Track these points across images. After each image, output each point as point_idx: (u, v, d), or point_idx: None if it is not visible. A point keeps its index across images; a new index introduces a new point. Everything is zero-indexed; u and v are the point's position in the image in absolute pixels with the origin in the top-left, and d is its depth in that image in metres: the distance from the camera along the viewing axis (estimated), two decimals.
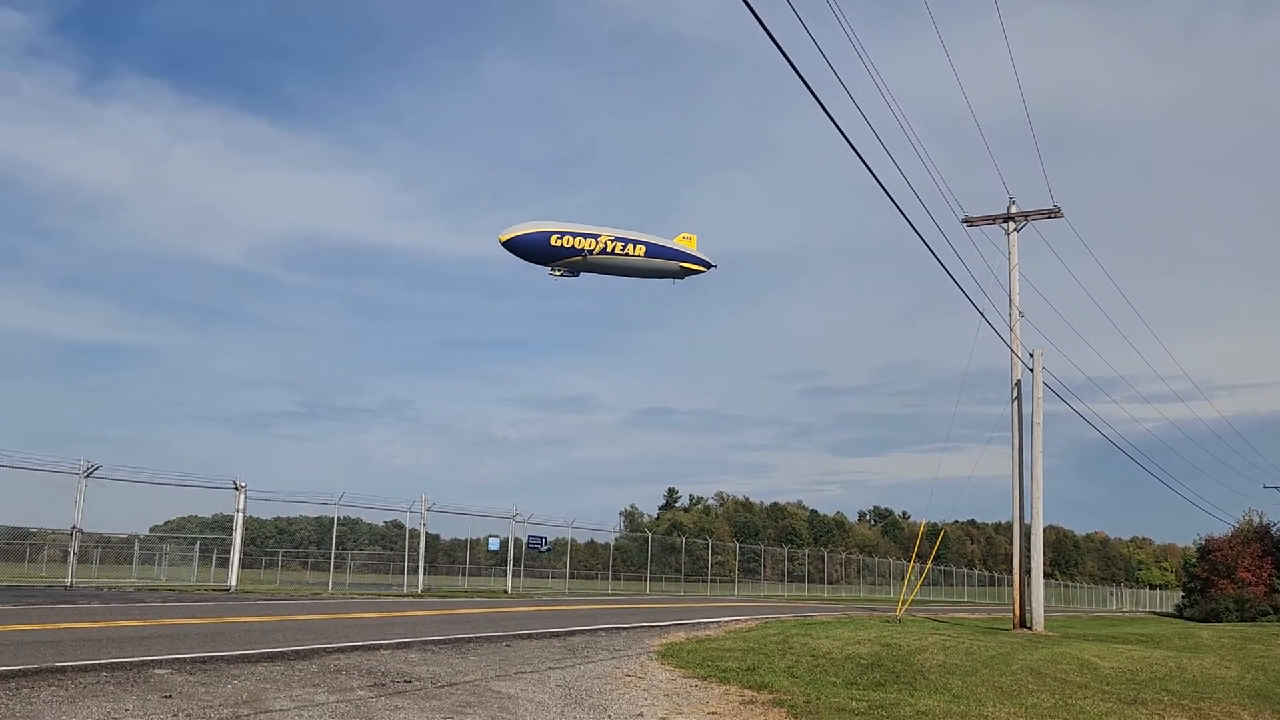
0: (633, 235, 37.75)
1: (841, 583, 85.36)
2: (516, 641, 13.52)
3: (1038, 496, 26.12)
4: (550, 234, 36.28)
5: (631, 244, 37.43)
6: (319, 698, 7.75)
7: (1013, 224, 28.07)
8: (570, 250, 36.37)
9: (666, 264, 38.79)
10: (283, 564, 54.58)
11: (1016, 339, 27.17)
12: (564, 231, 36.48)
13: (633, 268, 38.37)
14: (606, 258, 36.97)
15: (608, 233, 37.03)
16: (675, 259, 38.90)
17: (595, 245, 36.56)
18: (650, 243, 38.08)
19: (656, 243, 38.36)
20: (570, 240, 36.33)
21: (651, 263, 38.34)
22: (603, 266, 37.72)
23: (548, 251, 36.37)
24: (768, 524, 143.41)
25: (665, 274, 39.47)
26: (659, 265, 38.71)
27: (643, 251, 37.67)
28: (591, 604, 28.79)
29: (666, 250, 38.63)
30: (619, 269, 38.37)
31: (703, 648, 14.19)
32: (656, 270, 39.01)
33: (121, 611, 15.73)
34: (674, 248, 38.91)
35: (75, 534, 23.98)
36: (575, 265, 37.07)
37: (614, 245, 36.95)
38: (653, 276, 39.78)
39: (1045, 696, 11.06)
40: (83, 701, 6.92)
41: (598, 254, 36.63)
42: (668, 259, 38.67)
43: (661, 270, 39.10)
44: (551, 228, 36.54)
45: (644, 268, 38.56)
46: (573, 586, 46.14)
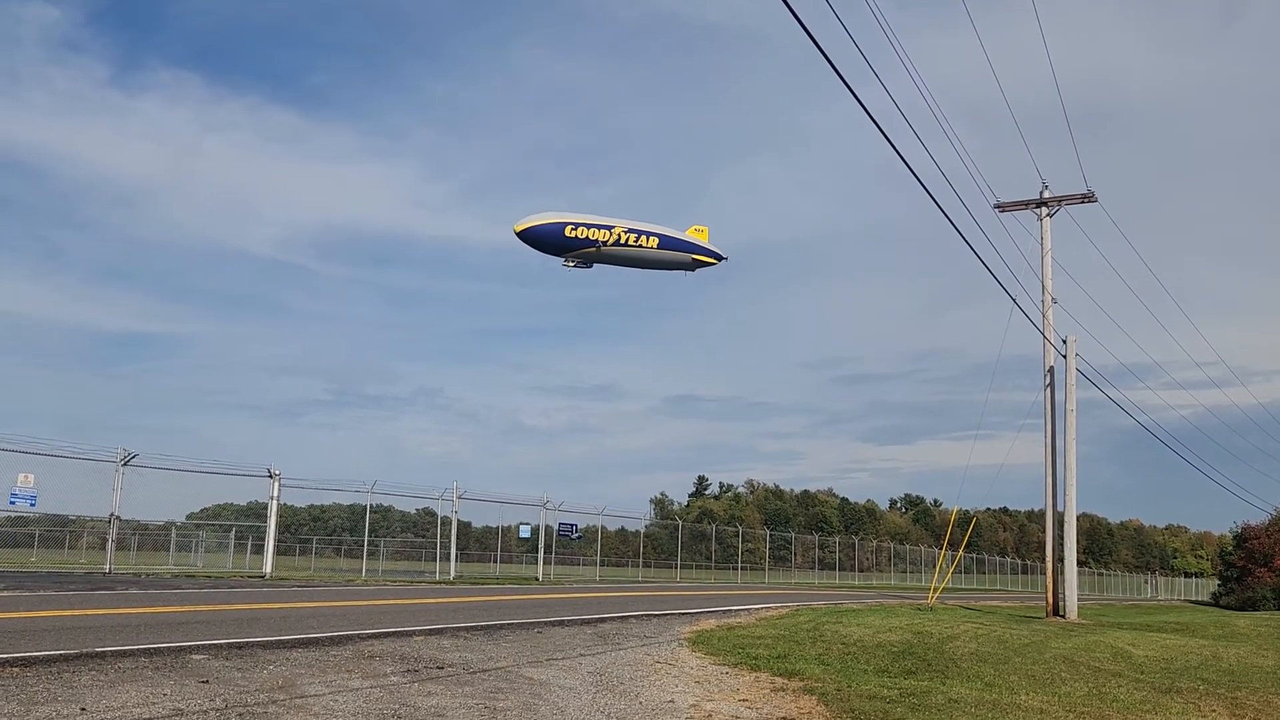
0: (646, 227, 37.98)
1: (872, 570, 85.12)
2: (548, 628, 13.58)
3: (1071, 484, 25.89)
4: (565, 225, 36.42)
5: (645, 235, 37.63)
6: (353, 683, 7.83)
7: (1045, 209, 27.76)
8: (585, 241, 36.54)
9: (679, 256, 39.01)
10: (317, 551, 55.11)
11: (1049, 325, 26.91)
12: (578, 223, 36.61)
13: (645, 259, 38.57)
14: (620, 249, 37.17)
15: (621, 224, 37.20)
16: (688, 251, 39.10)
17: (609, 236, 36.73)
18: (663, 234, 38.26)
19: (669, 234, 38.54)
20: (585, 231, 36.48)
21: (664, 254, 38.53)
22: (616, 258, 37.95)
23: (562, 242, 36.55)
24: (798, 511, 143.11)
25: (677, 266, 39.70)
26: (671, 257, 38.92)
27: (655, 243, 37.88)
28: (622, 591, 28.88)
29: (679, 242, 38.83)
30: (632, 260, 38.60)
31: (733, 635, 14.20)
32: (669, 262, 39.25)
33: (159, 598, 15.94)
34: (686, 240, 39.12)
35: (113, 521, 24.32)
36: (589, 256, 37.26)
37: (627, 236, 37.14)
38: (665, 268, 40.05)
39: (1078, 685, 10.98)
40: (122, 686, 7.02)
41: (611, 245, 36.82)
42: (680, 251, 38.87)
43: (674, 262, 39.33)
44: (566, 219, 36.66)
45: (657, 259, 38.77)
46: (603, 574, 46.29)
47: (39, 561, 39.41)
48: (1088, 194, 27.78)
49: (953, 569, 50.00)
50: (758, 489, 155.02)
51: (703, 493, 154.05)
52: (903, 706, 8.40)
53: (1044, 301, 27.05)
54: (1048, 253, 27.42)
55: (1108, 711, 9.08)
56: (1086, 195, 27.78)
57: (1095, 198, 27.72)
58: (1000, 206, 28.04)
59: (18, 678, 7.11)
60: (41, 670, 7.47)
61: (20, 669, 7.46)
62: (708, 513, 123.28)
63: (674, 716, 7.46)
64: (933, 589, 31.36)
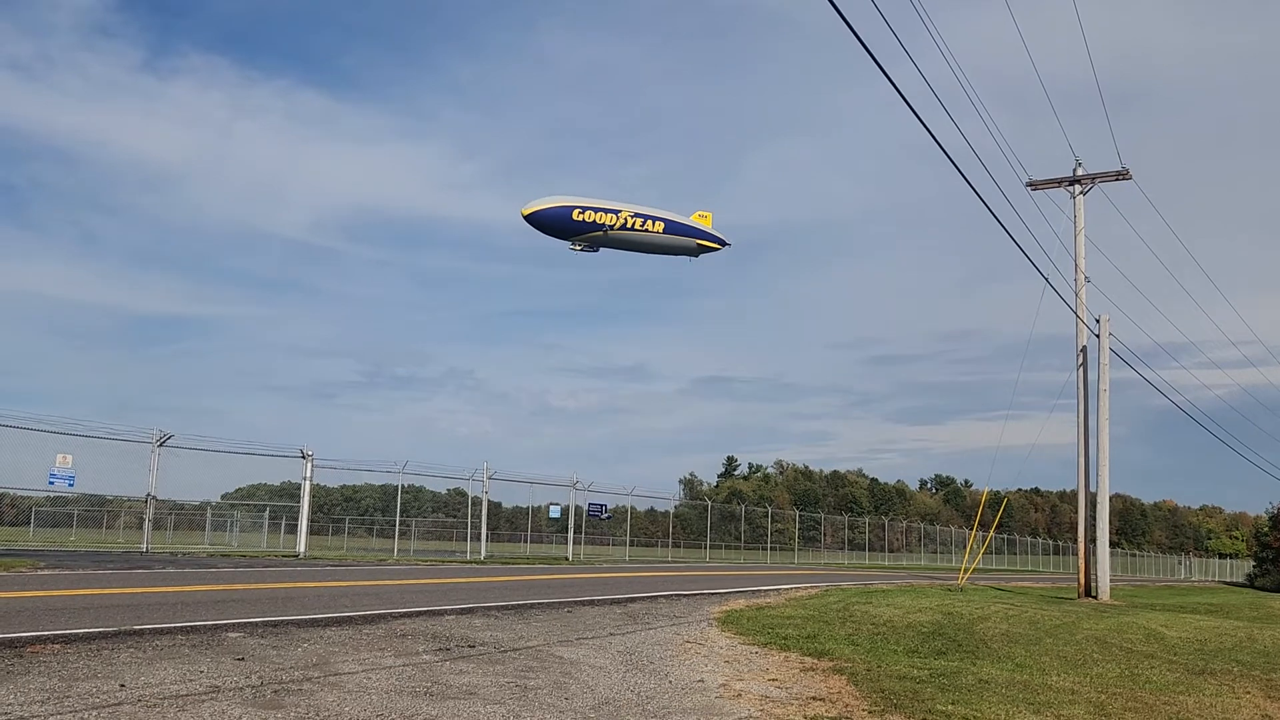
0: (652, 211, 38.25)
1: (902, 551, 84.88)
2: (578, 608, 13.66)
3: (1104, 464, 25.67)
4: (572, 209, 36.61)
5: (651, 220, 37.90)
6: (386, 661, 7.91)
7: (1078, 186, 27.43)
8: (591, 225, 36.72)
9: (684, 241, 39.33)
10: (349, 530, 55.64)
11: (1082, 304, 26.63)
12: (585, 206, 36.80)
13: (651, 244, 38.84)
14: (626, 233, 37.42)
15: (627, 208, 37.37)
16: (692, 236, 39.41)
17: (616, 221, 36.93)
18: (669, 219, 38.54)
19: (675, 220, 38.82)
20: (592, 215, 36.70)
21: (670, 239, 38.83)
22: (622, 242, 38.22)
23: (569, 226, 36.77)
24: (828, 492, 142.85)
25: (682, 251, 40.03)
26: (676, 242, 39.23)
27: (661, 228, 38.14)
28: (651, 571, 28.97)
29: (684, 227, 39.10)
30: (638, 245, 38.89)
31: (763, 615, 14.22)
32: (674, 247, 39.55)
33: (195, 576, 16.17)
34: (691, 225, 39.38)
35: (150, 501, 24.65)
36: (596, 240, 37.50)
37: (634, 221, 37.37)
38: (670, 253, 40.40)
39: (1111, 666, 10.92)
40: (160, 663, 7.14)
41: (618, 229, 37.04)
42: (685, 236, 39.18)
43: (679, 247, 39.65)
44: (573, 202, 36.85)
45: (662, 244, 39.04)
46: (633, 554, 46.45)
47: (78, 540, 40.05)
48: (1122, 171, 27.42)
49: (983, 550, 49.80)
50: (787, 469, 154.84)
51: (732, 473, 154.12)
52: (933, 687, 8.39)
53: (1077, 280, 26.77)
54: (1081, 231, 27.12)
55: (1140, 693, 9.03)
56: (1121, 172, 27.42)
57: (1130, 175, 27.36)
58: (1033, 184, 27.74)
59: (59, 654, 7.24)
60: (82, 647, 7.61)
61: (61, 646, 7.60)
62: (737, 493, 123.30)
63: (703, 696, 7.49)
64: (963, 570, 31.24)
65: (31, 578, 14.40)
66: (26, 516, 56.02)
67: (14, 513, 60.45)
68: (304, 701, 6.18)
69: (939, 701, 7.64)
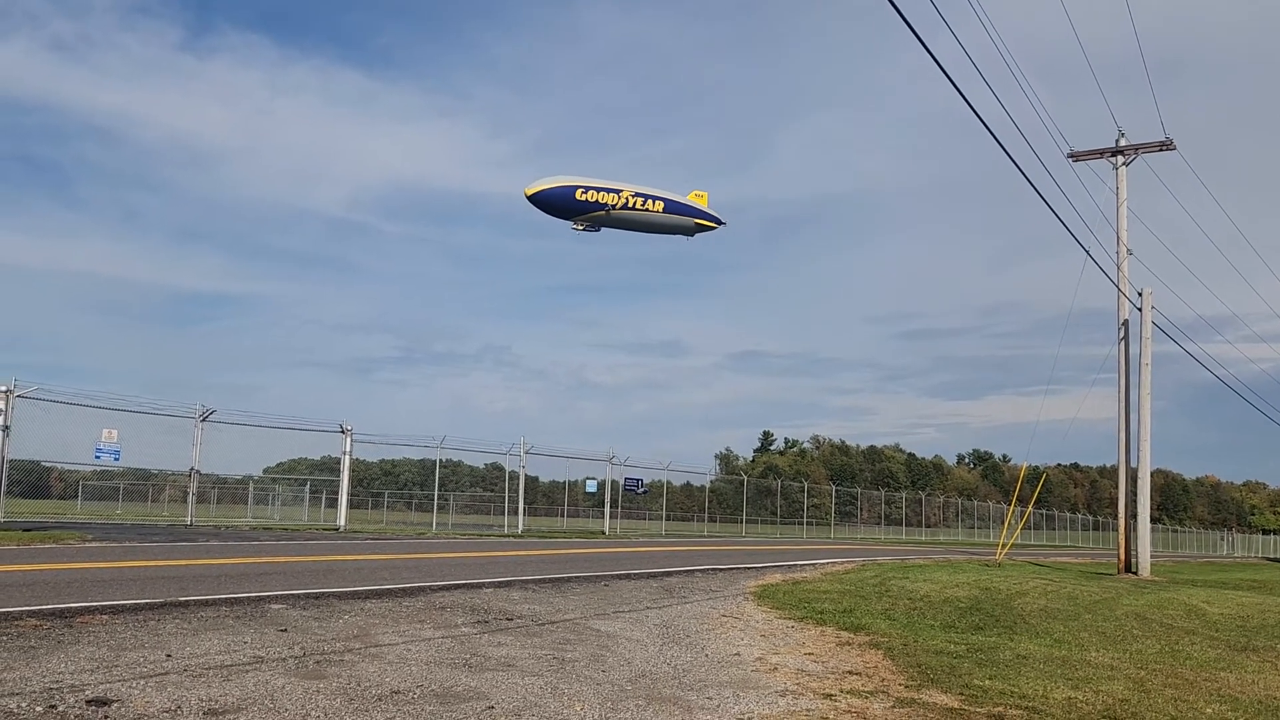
0: (652, 191, 38.53)
1: (939, 526, 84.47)
2: (614, 581, 13.73)
3: (1145, 439, 25.36)
4: (575, 188, 36.97)
5: (651, 199, 38.25)
6: (425, 633, 8.00)
7: (1121, 158, 26.98)
8: (594, 205, 37.07)
9: (682, 220, 39.75)
10: (388, 504, 56.23)
11: (1124, 277, 26.25)
12: (588, 186, 37.17)
13: (651, 223, 39.28)
14: (628, 213, 37.84)
15: (629, 188, 37.66)
16: (690, 215, 39.76)
17: (617, 200, 37.26)
18: (668, 199, 38.93)
19: (674, 199, 39.16)
20: (594, 195, 37.07)
21: (669, 218, 39.23)
22: (624, 221, 38.62)
23: (572, 206, 37.15)
24: (864, 467, 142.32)
25: (680, 230, 40.39)
26: (676, 221, 39.62)
27: (661, 207, 38.58)
28: (687, 545, 29.05)
29: (683, 207, 39.43)
30: (638, 224, 39.27)
31: (799, 590, 14.22)
32: (673, 226, 40.05)
33: (238, 549, 16.41)
34: (690, 204, 39.84)
35: (193, 475, 25.03)
36: (598, 220, 37.87)
37: (635, 200, 37.74)
38: (669, 232, 40.90)
39: (1150, 642, 10.83)
40: (205, 634, 7.27)
41: (619, 209, 37.40)
42: (684, 215, 39.53)
43: (677, 226, 40.08)
44: (576, 182, 37.23)
45: (662, 223, 39.48)
46: (668, 528, 46.58)
47: (124, 514, 40.78)
48: (1166, 142, 26.93)
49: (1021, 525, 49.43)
50: (823, 444, 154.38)
51: (768, 448, 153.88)
52: (970, 662, 8.36)
53: (1119, 253, 26.37)
54: (1123, 203, 26.69)
55: (1181, 669, 8.95)
56: (1165, 143, 26.94)
57: (1174, 145, 26.87)
58: (1074, 156, 27.32)
59: (107, 625, 7.39)
60: (129, 617, 7.76)
61: (110, 616, 7.75)
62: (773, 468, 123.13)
63: (740, 669, 7.52)
64: (1001, 545, 31.06)
65: (80, 550, 14.70)
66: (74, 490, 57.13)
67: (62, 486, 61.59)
68: (345, 672, 6.27)
69: (976, 676, 7.61)
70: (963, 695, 6.83)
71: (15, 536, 16.41)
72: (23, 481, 47.28)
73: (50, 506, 45.94)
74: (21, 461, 26.21)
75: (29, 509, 36.56)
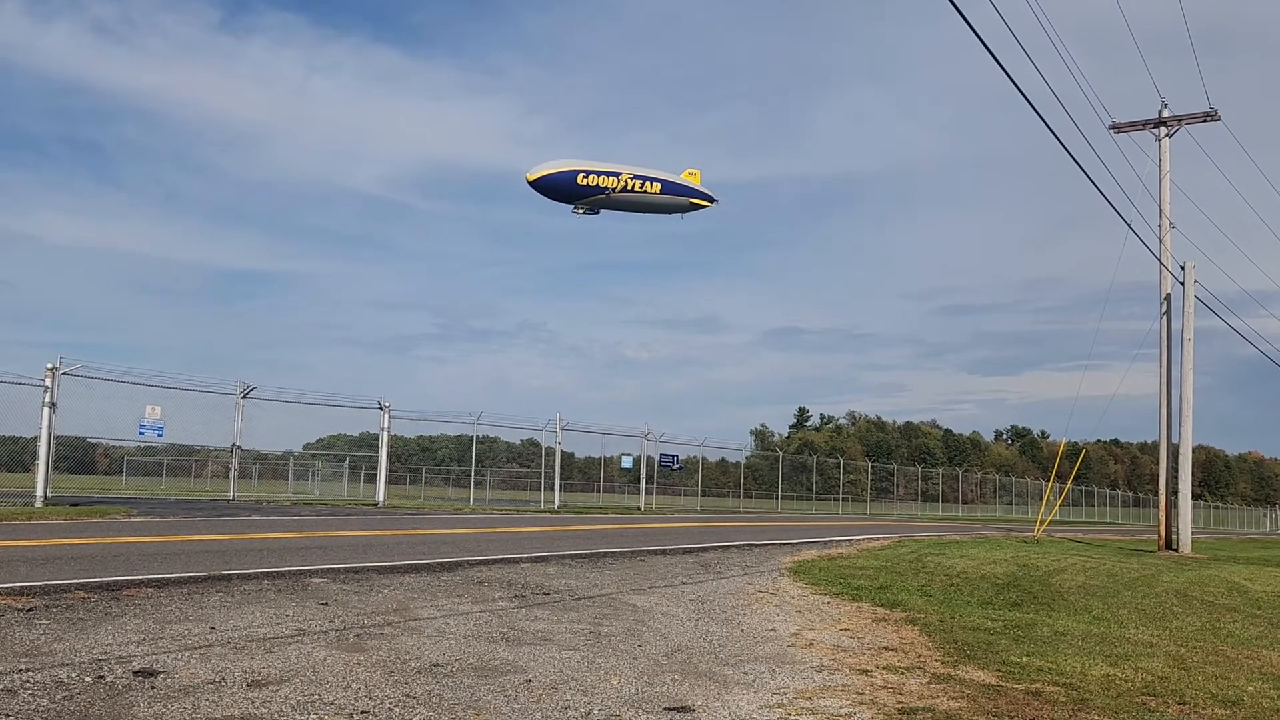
0: (649, 173, 38.92)
1: (977, 503, 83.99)
2: (650, 557, 13.79)
3: (1187, 415, 25.03)
4: (577, 173, 37.50)
5: (649, 181, 38.76)
6: (463, 607, 8.08)
7: (1164, 129, 26.50)
8: (594, 189, 37.58)
9: (678, 200, 40.17)
10: (426, 480, 56.75)
11: (1167, 251, 25.84)
12: (589, 170, 37.71)
13: (649, 204, 39.80)
14: (627, 195, 38.48)
15: (627, 170, 38.20)
16: (686, 195, 40.12)
17: (617, 183, 37.80)
18: (665, 179, 39.37)
19: (670, 179, 39.55)
20: (595, 179, 37.62)
21: (666, 199, 39.67)
22: (622, 203, 39.14)
23: (574, 190, 37.75)
24: (900, 443, 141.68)
25: (676, 209, 40.76)
26: (672, 201, 40.00)
27: (658, 188, 39.20)
28: (723, 521, 29.09)
29: (679, 186, 39.82)
30: (636, 205, 39.76)
31: (835, 565, 14.21)
32: (669, 206, 40.51)
33: (279, 524, 16.63)
34: (685, 184, 40.33)
35: (235, 451, 25.36)
36: (598, 203, 38.34)
37: (634, 183, 38.29)
38: (665, 212, 41.42)
39: (1191, 619, 10.72)
40: (247, 607, 7.38)
41: (619, 192, 37.82)
42: (680, 195, 39.91)
43: (674, 205, 40.48)
44: (577, 166, 37.78)
45: (659, 203, 39.97)
46: (704, 504, 46.65)
47: (168, 489, 41.46)
48: (1210, 112, 26.42)
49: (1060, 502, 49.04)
50: (859, 420, 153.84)
51: (804, 424, 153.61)
52: (1007, 639, 8.32)
53: (1161, 226, 25.96)
54: (1166, 175, 26.24)
55: (1221, 646, 8.86)
56: (1209, 114, 26.42)
57: (1218, 116, 26.35)
58: (1115, 127, 26.87)
59: (153, 598, 7.53)
60: (174, 591, 7.90)
61: (155, 589, 7.89)
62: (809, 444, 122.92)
63: (775, 644, 7.53)
64: (1039, 521, 30.83)
65: (125, 524, 14.96)
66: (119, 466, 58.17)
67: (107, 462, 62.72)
68: (385, 645, 6.35)
69: (1013, 653, 7.58)
70: (1000, 672, 6.80)
71: (63, 511, 16.73)
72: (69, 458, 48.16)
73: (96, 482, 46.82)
74: (68, 438, 26.66)
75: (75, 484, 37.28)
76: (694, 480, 47.25)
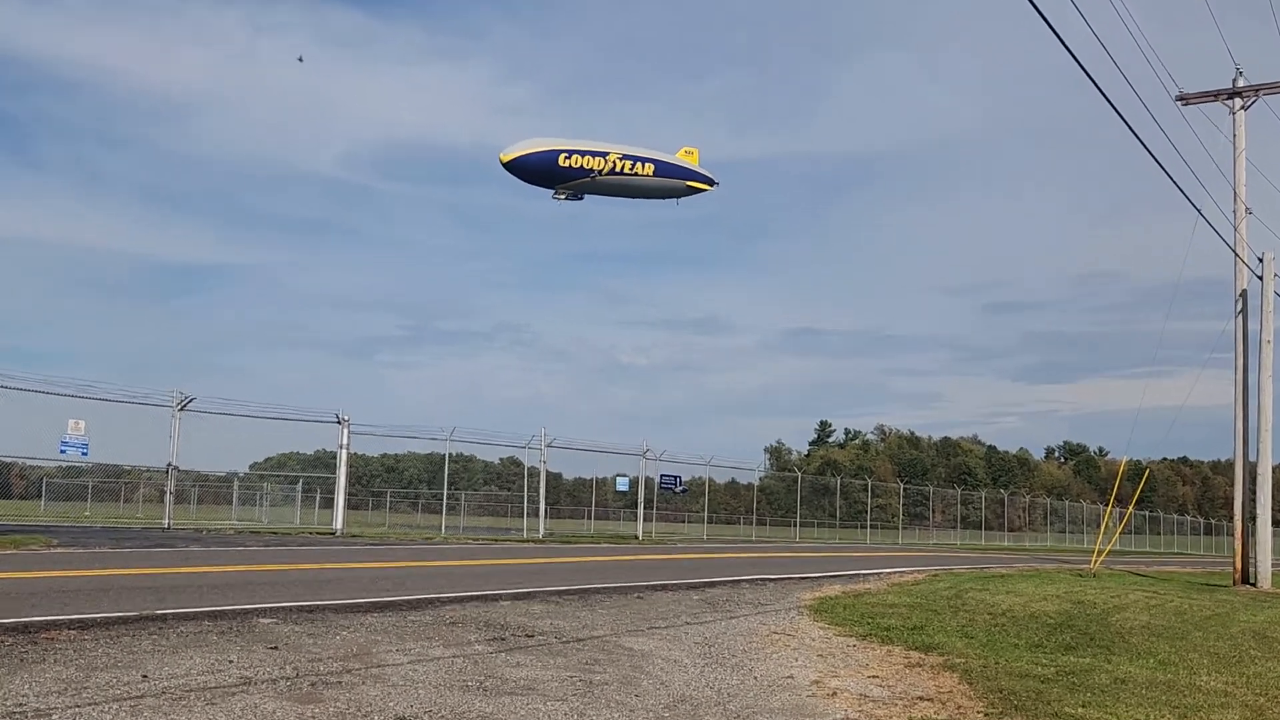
0: (640, 152, 39.13)
1: (1024, 530, 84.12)
2: (649, 593, 13.79)
3: (1266, 429, 25.07)
4: (558, 153, 37.64)
5: (640, 162, 38.96)
6: (434, 651, 8.08)
7: (1239, 100, 26.57)
8: (578, 171, 37.80)
9: (673, 183, 40.42)
10: (391, 505, 56.73)
11: (1242, 240, 25.91)
12: (572, 150, 37.91)
13: (640, 188, 40.09)
14: (615, 178, 38.66)
15: (615, 150, 38.37)
16: (682, 177, 40.39)
17: (604, 165, 37.98)
18: (659, 160, 39.60)
19: (664, 160, 39.80)
20: (578, 160, 37.77)
21: (660, 182, 39.96)
22: (610, 187, 39.39)
23: (555, 173, 37.93)
24: (937, 462, 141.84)
25: (671, 194, 41.08)
26: (666, 185, 40.30)
27: (651, 170, 39.41)
28: (733, 552, 29.10)
29: (674, 168, 40.08)
30: (626, 190, 40.03)
31: (861, 603, 14.22)
32: (663, 190, 40.78)
33: (222, 555, 16.62)
34: (682, 165, 40.55)
35: (171, 472, 25.36)
36: (582, 187, 38.57)
37: (623, 164, 38.44)
38: (658, 197, 41.69)
39: (1273, 664, 10.74)
40: (185, 652, 7.37)
41: (606, 174, 38.08)
42: (675, 178, 40.19)
43: (668, 190, 40.76)
44: (559, 146, 37.99)
45: (652, 187, 40.26)
46: (711, 532, 46.69)
47: (94, 515, 41.45)
48: None
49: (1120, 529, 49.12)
50: (889, 435, 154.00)
51: (825, 440, 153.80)
52: (1060, 687, 8.33)
53: (1236, 212, 26.03)
54: (1241, 153, 26.31)
55: None
56: None
57: None
58: (1183, 99, 26.95)
59: (75, 641, 7.51)
60: (100, 633, 7.88)
61: (77, 632, 7.88)
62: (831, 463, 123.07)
63: (793, 694, 7.53)
64: (1096, 551, 30.86)
65: (44, 556, 14.95)
66: (37, 489, 57.97)
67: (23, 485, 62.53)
68: (344, 695, 6.35)
69: (1067, 703, 7.59)
70: None
71: None
72: None
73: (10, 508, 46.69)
74: None
75: None
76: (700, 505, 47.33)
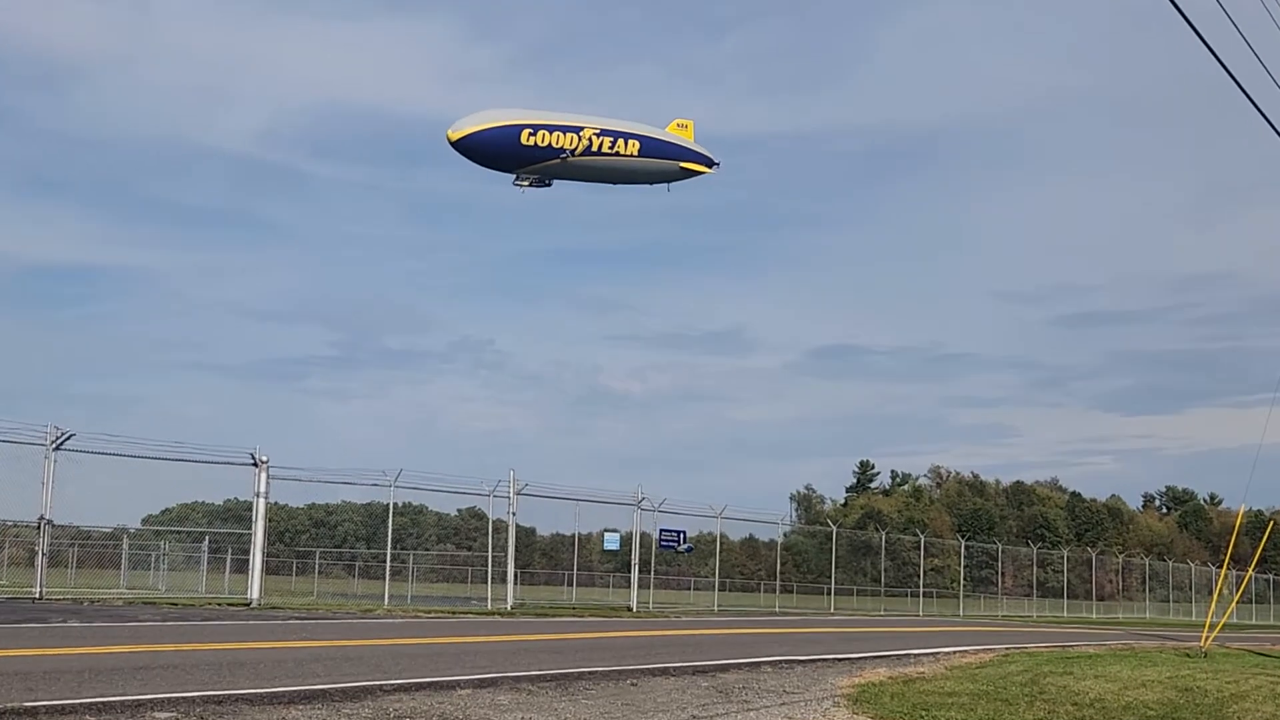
0: (623, 127, 39.60)
1: (1117, 598, 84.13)
2: (645, 678, 13.74)
3: None
4: (520, 129, 37.75)
5: (623, 139, 39.35)
6: None
7: None
8: (546, 151, 37.91)
9: (663, 164, 40.94)
10: (321, 569, 56.69)
11: None
12: (538, 125, 38.02)
13: (623, 170, 40.51)
14: (591, 159, 38.84)
15: (592, 125, 38.43)
16: (674, 157, 40.93)
17: (577, 143, 38.11)
18: (645, 136, 40.04)
19: (652, 136, 40.28)
20: (546, 137, 38.00)
21: (646, 163, 40.42)
22: (585, 171, 39.80)
23: (517, 152, 37.97)
24: (1008, 513, 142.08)
25: (661, 177, 41.60)
26: (654, 166, 40.81)
27: (636, 149, 39.68)
28: (751, 627, 29.05)
29: (664, 146, 40.61)
30: (605, 173, 40.48)
31: (913, 691, 14.19)
32: (650, 173, 41.19)
33: (108, 632, 16.54)
34: (673, 142, 40.99)
35: (44, 527, 25.24)
36: (550, 171, 38.63)
37: (601, 142, 38.77)
38: (645, 182, 42.12)
39: None
40: None
41: (580, 154, 37.88)
42: (665, 158, 40.75)
43: (657, 172, 41.23)
44: (521, 120, 38.00)
45: (637, 170, 40.73)
46: (724, 601, 46.64)
47: None
48: None
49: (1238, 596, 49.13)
50: (947, 480, 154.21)
51: (867, 486, 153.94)
52: None
53: None
54: None
55: None
56: None
57: None
58: None
59: None
60: None
61: None
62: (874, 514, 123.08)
63: None
64: (1208, 625, 30.86)
65: None
66: None
67: None
68: None
69: None
70: None
71: None
72: None
73: None
74: None
75: None
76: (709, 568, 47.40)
